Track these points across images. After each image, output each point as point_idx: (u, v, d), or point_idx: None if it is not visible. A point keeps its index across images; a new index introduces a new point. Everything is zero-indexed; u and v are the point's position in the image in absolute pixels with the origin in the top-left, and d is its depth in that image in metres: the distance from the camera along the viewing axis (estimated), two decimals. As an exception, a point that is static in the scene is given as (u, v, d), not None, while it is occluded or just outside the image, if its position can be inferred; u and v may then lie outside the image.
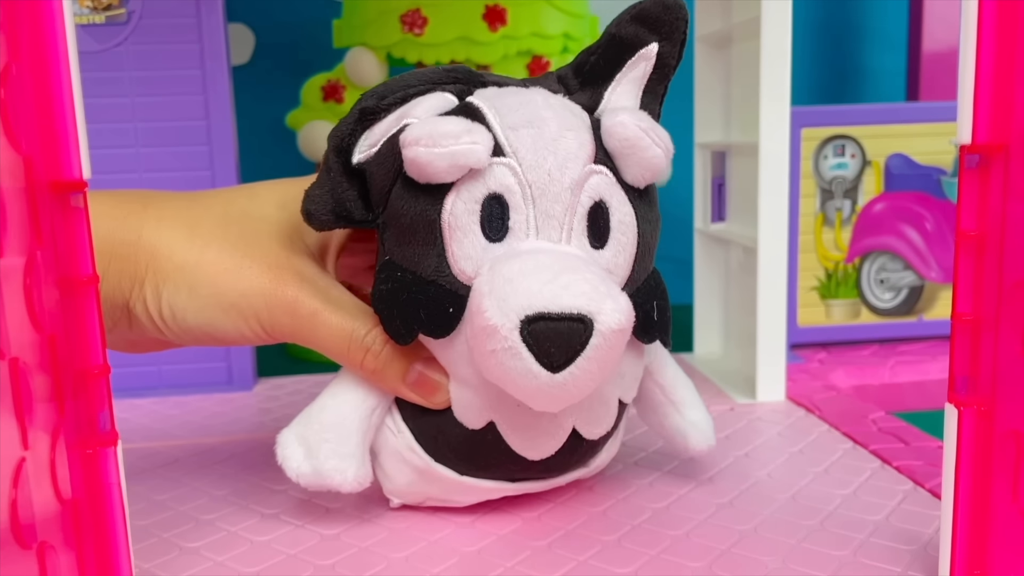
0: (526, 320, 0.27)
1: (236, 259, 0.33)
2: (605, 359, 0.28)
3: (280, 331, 0.33)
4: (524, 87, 0.33)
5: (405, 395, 0.33)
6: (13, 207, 0.22)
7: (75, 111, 0.23)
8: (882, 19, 0.91)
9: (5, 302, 0.21)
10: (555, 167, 0.30)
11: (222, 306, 0.33)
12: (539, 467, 0.33)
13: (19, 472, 0.21)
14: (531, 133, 0.30)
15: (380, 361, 0.32)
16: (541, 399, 0.29)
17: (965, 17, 0.25)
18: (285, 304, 0.33)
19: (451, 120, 0.29)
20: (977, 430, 0.27)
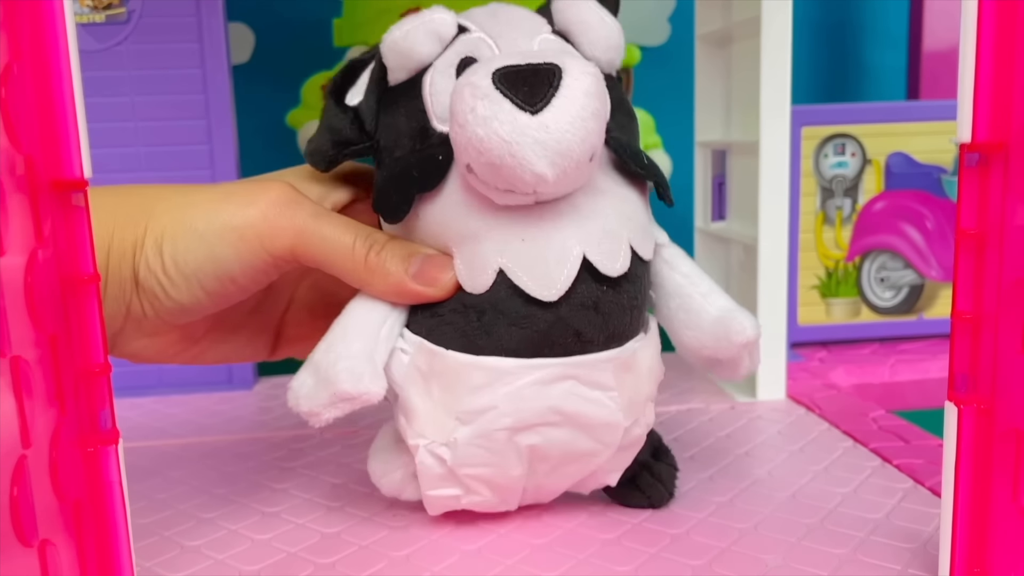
0: (496, 72, 0.28)
1: (226, 188, 0.33)
2: (583, 106, 0.28)
3: (283, 246, 0.32)
4: None
5: (411, 290, 0.32)
6: (14, 206, 0.22)
7: (76, 110, 0.23)
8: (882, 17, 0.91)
9: (6, 301, 0.21)
10: (513, 21, 0.33)
11: (218, 232, 0.32)
12: (561, 319, 0.30)
13: (20, 470, 0.21)
14: (487, 11, 0.33)
15: (382, 257, 0.32)
16: (529, 148, 0.28)
17: (965, 16, 0.25)
18: (285, 216, 0.32)
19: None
20: (977, 428, 0.27)
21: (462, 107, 0.28)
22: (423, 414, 0.32)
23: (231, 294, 0.33)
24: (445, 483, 0.33)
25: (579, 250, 0.30)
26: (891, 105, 0.62)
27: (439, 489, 0.33)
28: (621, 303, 0.31)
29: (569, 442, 0.32)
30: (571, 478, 0.34)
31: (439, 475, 0.33)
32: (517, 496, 0.34)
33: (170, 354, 0.36)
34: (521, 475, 0.33)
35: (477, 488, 0.33)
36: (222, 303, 0.33)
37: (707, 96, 0.57)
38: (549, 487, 0.35)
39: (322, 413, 0.31)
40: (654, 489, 0.36)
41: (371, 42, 0.66)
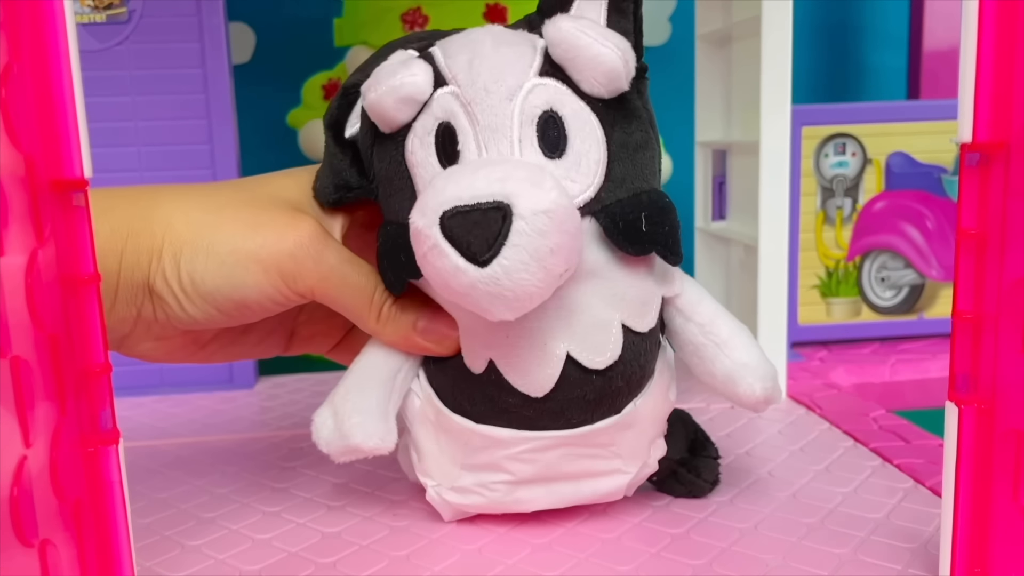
0: (444, 216, 0.27)
1: (254, 215, 0.33)
2: (537, 248, 0.26)
3: (304, 284, 0.32)
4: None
5: (418, 344, 0.33)
6: (14, 206, 0.22)
7: (76, 110, 0.23)
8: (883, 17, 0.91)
9: (7, 301, 0.21)
10: (490, 80, 0.30)
11: (241, 262, 0.32)
12: (550, 408, 0.31)
13: (21, 470, 0.21)
14: (466, 56, 0.30)
15: (393, 311, 0.33)
16: (484, 300, 0.27)
17: (966, 15, 0.25)
18: (312, 258, 0.32)
19: (390, 61, 0.31)
20: (978, 428, 0.27)
21: (418, 249, 0.28)
22: (431, 457, 0.34)
23: (244, 316, 0.34)
24: (453, 515, 0.35)
25: (563, 349, 0.30)
26: (891, 105, 0.62)
27: (448, 516, 0.35)
28: (614, 387, 0.31)
29: (572, 494, 0.34)
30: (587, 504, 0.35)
31: (446, 509, 0.35)
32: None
33: (179, 356, 0.36)
34: (529, 510, 0.34)
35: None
36: (234, 322, 0.34)
37: (707, 96, 0.57)
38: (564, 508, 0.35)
39: (338, 457, 0.33)
40: (694, 483, 0.36)
41: (371, 42, 0.67)
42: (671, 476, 0.37)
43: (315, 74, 0.69)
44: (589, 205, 0.30)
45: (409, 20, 0.65)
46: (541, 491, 0.33)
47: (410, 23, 0.65)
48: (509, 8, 0.66)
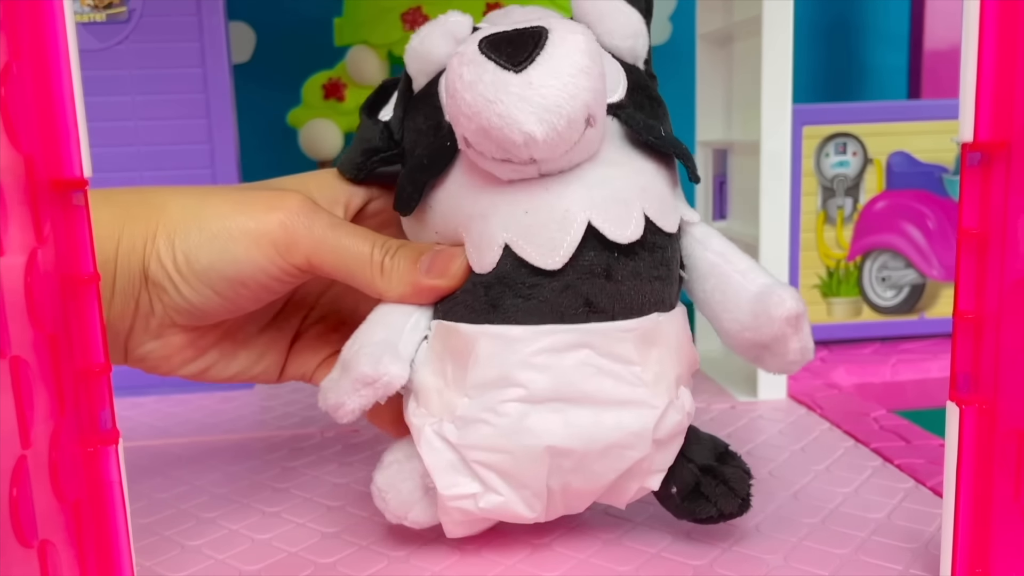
0: (484, 40, 0.29)
1: (243, 194, 0.33)
2: (570, 62, 0.28)
3: (300, 254, 0.32)
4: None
5: (426, 286, 0.32)
6: (14, 205, 0.22)
7: (76, 109, 0.23)
8: (884, 17, 0.91)
9: (6, 300, 0.21)
10: (526, 14, 0.33)
11: (233, 235, 0.32)
12: (569, 285, 0.29)
13: (20, 470, 0.21)
14: (503, 11, 0.34)
15: (396, 260, 0.32)
16: (514, 107, 0.27)
17: (967, 15, 0.25)
18: (303, 225, 0.32)
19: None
20: (979, 428, 0.27)
21: (451, 76, 0.29)
22: (433, 391, 0.31)
23: (241, 298, 0.33)
24: (456, 474, 0.30)
25: (583, 216, 0.29)
26: (892, 104, 0.62)
27: (452, 486, 0.30)
28: (637, 271, 0.30)
29: (592, 426, 0.29)
30: (602, 477, 0.31)
31: (448, 463, 0.30)
32: (542, 499, 0.30)
33: (177, 362, 0.35)
34: (540, 468, 0.30)
35: (493, 483, 0.30)
36: (232, 308, 0.33)
37: (708, 95, 0.57)
38: (579, 488, 0.31)
39: (346, 403, 0.30)
40: (723, 496, 0.32)
41: (372, 41, 0.67)
42: (695, 490, 0.32)
43: (315, 73, 0.69)
44: (612, 107, 0.31)
45: (409, 20, 0.65)
46: (557, 420, 0.29)
47: (410, 22, 0.65)
48: (509, 7, 0.66)
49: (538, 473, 0.30)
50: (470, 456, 0.30)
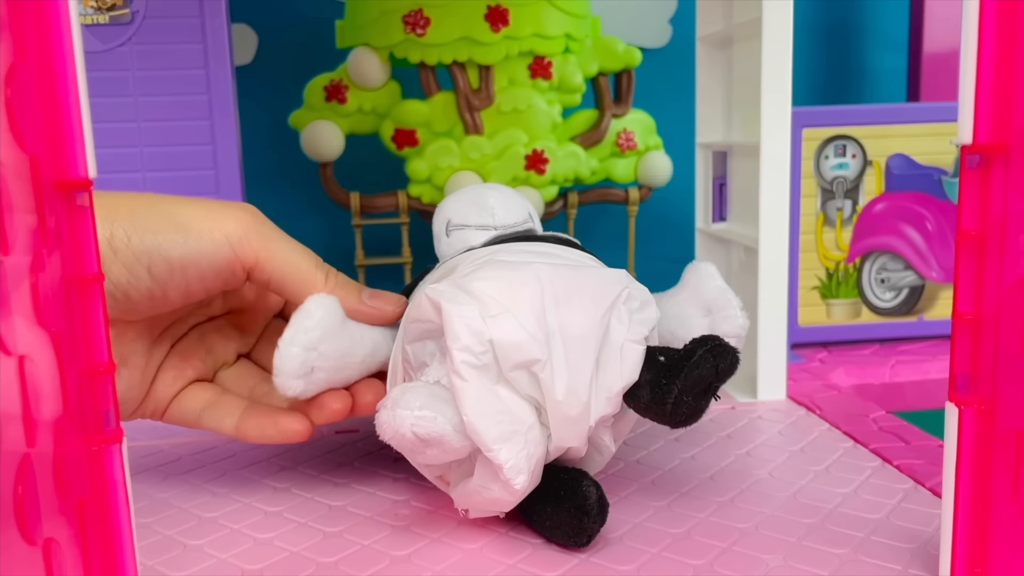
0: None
1: (199, 199, 0.35)
2: None
3: (251, 252, 0.33)
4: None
5: (358, 313, 0.35)
6: (19, 205, 0.22)
7: (80, 110, 0.24)
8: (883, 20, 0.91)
9: (11, 300, 0.21)
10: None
11: (188, 220, 0.33)
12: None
13: (25, 468, 0.21)
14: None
15: (339, 280, 0.36)
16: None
17: (966, 18, 0.25)
18: (257, 228, 0.34)
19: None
20: (978, 429, 0.27)
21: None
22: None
23: (173, 287, 0.33)
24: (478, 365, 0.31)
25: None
26: (892, 107, 0.62)
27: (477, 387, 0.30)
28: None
29: (573, 268, 0.33)
30: (590, 310, 0.32)
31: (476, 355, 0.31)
32: (543, 330, 0.31)
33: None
34: (535, 289, 0.31)
35: (496, 308, 0.31)
36: (157, 297, 0.33)
37: (708, 97, 0.57)
38: (573, 321, 0.31)
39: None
40: (715, 351, 0.32)
41: (373, 43, 0.67)
42: (683, 358, 0.31)
43: (317, 75, 0.69)
44: None
45: (411, 22, 0.65)
46: (545, 266, 0.32)
47: (412, 25, 0.65)
48: (510, 10, 0.66)
49: (534, 294, 0.31)
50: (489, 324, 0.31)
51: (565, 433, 0.32)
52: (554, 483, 0.33)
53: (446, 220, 0.39)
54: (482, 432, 0.30)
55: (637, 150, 0.74)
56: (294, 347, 0.32)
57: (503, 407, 0.31)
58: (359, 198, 0.68)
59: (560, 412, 0.31)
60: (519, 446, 0.31)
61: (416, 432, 0.30)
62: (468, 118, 0.68)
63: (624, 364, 0.31)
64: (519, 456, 0.30)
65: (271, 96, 0.78)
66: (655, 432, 0.45)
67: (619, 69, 0.73)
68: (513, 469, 0.30)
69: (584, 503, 0.32)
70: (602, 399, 0.32)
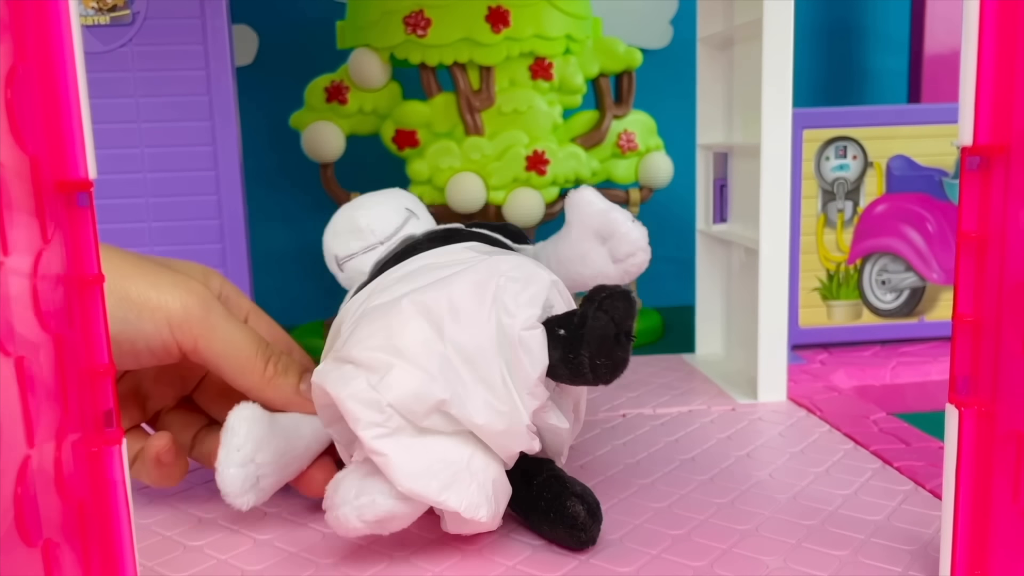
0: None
1: (151, 263, 0.34)
2: None
3: (190, 336, 0.33)
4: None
5: (296, 404, 0.35)
6: (20, 206, 0.22)
7: (81, 111, 0.24)
8: (884, 21, 0.91)
9: (11, 301, 0.21)
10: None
11: (130, 297, 0.32)
12: None
13: (25, 470, 0.21)
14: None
15: (279, 367, 0.35)
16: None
17: (967, 19, 0.25)
18: (202, 309, 0.33)
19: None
20: (978, 431, 0.27)
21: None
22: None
23: (123, 356, 0.33)
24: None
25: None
26: (892, 108, 0.62)
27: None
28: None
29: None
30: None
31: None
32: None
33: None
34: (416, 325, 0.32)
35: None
36: None
37: (709, 99, 0.57)
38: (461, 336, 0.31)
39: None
40: (612, 302, 0.30)
41: (374, 44, 0.67)
42: (581, 320, 0.30)
43: (318, 76, 0.69)
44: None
45: (411, 23, 0.65)
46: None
47: (412, 26, 0.65)
48: (511, 11, 0.66)
49: (416, 330, 0.31)
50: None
51: (505, 446, 0.31)
52: (541, 504, 0.33)
53: (333, 256, 0.38)
54: (423, 493, 0.30)
55: (638, 151, 0.74)
56: (231, 468, 0.33)
57: (434, 457, 0.30)
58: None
59: (489, 433, 0.31)
60: (465, 484, 0.30)
61: (364, 521, 0.30)
62: (469, 119, 0.68)
63: (530, 353, 0.30)
64: (470, 494, 0.30)
65: (272, 97, 0.78)
66: (655, 434, 0.45)
67: (620, 70, 0.73)
68: (470, 508, 0.30)
69: (574, 522, 0.32)
70: (524, 395, 0.31)
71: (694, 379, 0.55)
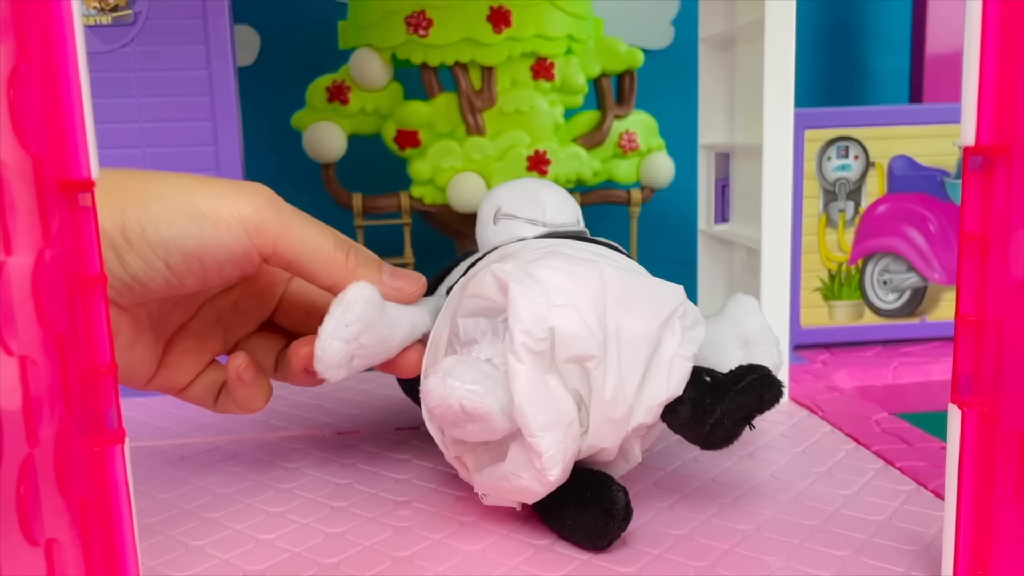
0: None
1: (210, 180, 0.33)
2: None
3: (267, 237, 0.33)
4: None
5: (384, 292, 0.34)
6: (22, 205, 0.22)
7: (83, 111, 0.24)
8: (886, 21, 0.91)
9: (14, 300, 0.21)
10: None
11: (201, 210, 0.32)
12: None
13: (27, 469, 0.21)
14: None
15: (360, 257, 0.35)
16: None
17: (969, 19, 0.25)
18: (273, 210, 0.33)
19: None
20: (980, 431, 0.27)
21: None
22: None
23: (191, 275, 0.33)
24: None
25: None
26: (894, 108, 0.62)
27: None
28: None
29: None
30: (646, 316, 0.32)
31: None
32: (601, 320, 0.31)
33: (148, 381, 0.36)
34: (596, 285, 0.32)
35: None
36: (175, 285, 0.33)
37: (710, 99, 0.57)
38: (628, 326, 0.31)
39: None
40: (760, 381, 0.32)
41: (376, 44, 0.67)
42: (728, 382, 0.32)
43: (319, 76, 0.69)
44: None
45: (413, 23, 0.65)
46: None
47: (414, 26, 0.65)
48: (513, 11, 0.66)
49: (596, 292, 0.31)
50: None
51: (604, 434, 0.32)
52: (581, 484, 0.33)
53: (496, 207, 0.38)
54: (530, 417, 0.30)
55: (639, 151, 0.74)
56: (335, 341, 0.32)
57: (551, 396, 0.31)
58: (361, 199, 0.68)
59: (604, 412, 0.31)
60: (560, 437, 0.30)
61: (464, 405, 0.30)
62: (470, 119, 0.68)
63: (671, 377, 0.31)
64: (558, 447, 0.30)
65: (273, 97, 0.78)
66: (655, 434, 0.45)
67: (621, 70, 0.73)
68: (551, 459, 0.30)
69: (612, 507, 0.32)
70: (643, 408, 0.31)
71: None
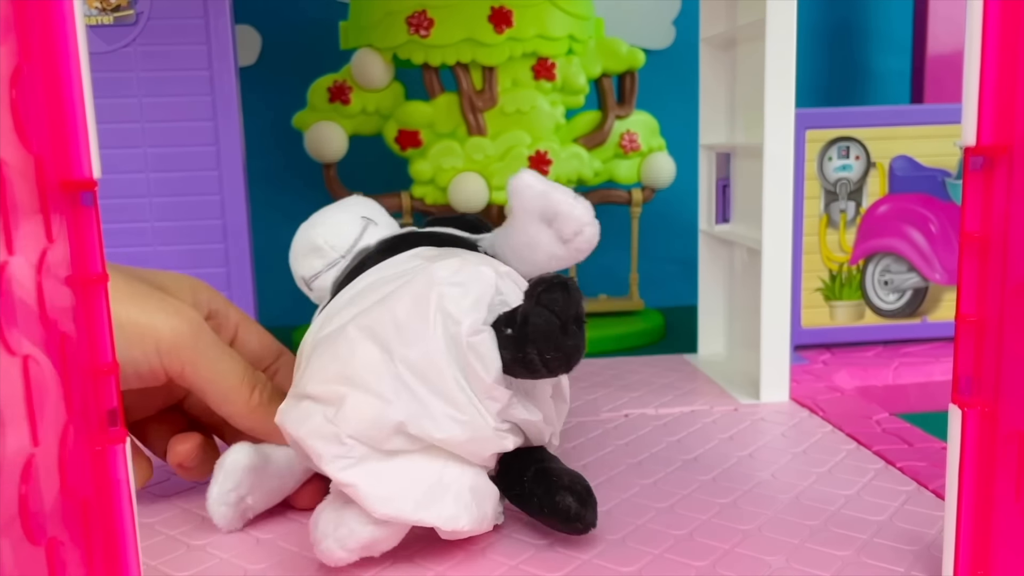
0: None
1: (141, 286, 0.34)
2: None
3: (177, 361, 0.33)
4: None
5: (278, 434, 0.33)
6: (24, 205, 0.22)
7: (85, 111, 0.24)
8: (887, 21, 0.91)
9: (16, 300, 0.21)
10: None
11: (120, 322, 0.31)
12: None
13: (29, 468, 0.21)
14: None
15: (264, 396, 0.35)
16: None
17: (970, 19, 0.25)
18: (190, 335, 0.33)
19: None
20: (981, 431, 0.27)
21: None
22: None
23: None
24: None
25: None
26: (895, 108, 0.62)
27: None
28: None
29: None
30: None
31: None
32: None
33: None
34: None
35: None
36: None
37: (711, 99, 0.57)
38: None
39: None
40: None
41: (377, 45, 0.67)
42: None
43: (321, 76, 0.69)
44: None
45: (414, 23, 0.66)
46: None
47: (415, 26, 0.66)
48: (514, 12, 0.66)
49: (367, 353, 0.31)
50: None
51: (475, 452, 0.31)
52: (534, 500, 0.33)
53: (301, 279, 0.38)
54: (398, 515, 0.30)
55: (640, 151, 0.74)
56: (221, 506, 0.34)
57: (404, 477, 0.30)
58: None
59: (453, 445, 0.31)
60: (440, 499, 0.30)
61: (348, 550, 0.30)
62: (471, 119, 0.68)
63: (481, 358, 0.30)
64: (446, 507, 0.30)
65: (275, 97, 0.78)
66: (657, 434, 0.45)
67: (622, 70, 0.73)
68: (449, 521, 0.30)
69: (567, 515, 0.32)
70: (484, 400, 0.31)
71: (696, 379, 0.55)
